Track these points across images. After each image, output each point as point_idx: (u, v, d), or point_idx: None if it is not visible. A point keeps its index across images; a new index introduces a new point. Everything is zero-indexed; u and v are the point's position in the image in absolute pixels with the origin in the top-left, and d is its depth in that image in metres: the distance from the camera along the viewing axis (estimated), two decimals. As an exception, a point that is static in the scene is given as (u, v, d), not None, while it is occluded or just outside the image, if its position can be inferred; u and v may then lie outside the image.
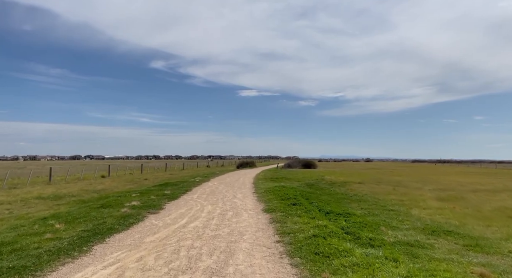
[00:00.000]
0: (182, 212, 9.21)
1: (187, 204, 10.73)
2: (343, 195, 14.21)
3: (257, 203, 11.08)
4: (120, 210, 8.93)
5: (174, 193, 13.73)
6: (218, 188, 16.69)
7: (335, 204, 10.62)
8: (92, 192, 15.75)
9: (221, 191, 15.17)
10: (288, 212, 8.79)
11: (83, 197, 13.61)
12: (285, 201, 10.69)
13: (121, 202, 10.63)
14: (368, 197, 13.52)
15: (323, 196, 13.43)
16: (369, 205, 11.05)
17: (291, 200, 10.88)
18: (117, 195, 13.61)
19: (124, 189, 17.40)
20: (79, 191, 15.96)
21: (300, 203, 9.99)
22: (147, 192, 13.99)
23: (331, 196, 13.36)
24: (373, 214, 9.26)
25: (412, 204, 11.61)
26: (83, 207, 10.07)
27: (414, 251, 5.29)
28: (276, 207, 9.68)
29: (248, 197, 12.88)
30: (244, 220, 8.08)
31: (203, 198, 12.50)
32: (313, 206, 9.81)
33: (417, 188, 18.41)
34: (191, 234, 6.46)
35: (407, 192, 15.58)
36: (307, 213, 8.44)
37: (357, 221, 7.31)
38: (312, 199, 11.67)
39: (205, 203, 10.98)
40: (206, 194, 13.91)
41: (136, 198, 11.83)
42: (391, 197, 13.55)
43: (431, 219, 8.72)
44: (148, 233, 6.57)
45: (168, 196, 12.65)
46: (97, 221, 7.51)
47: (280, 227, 7.04)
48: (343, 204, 11.13)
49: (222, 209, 9.80)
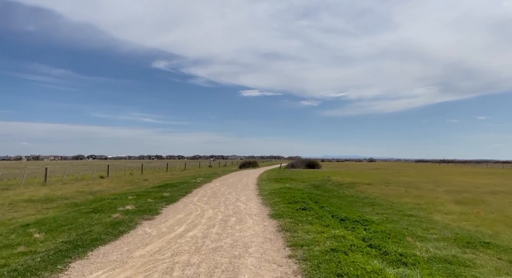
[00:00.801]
0: (180, 217, 8.34)
1: (186, 208, 9.86)
2: (353, 197, 13.28)
3: (262, 207, 10.20)
4: (111, 216, 8.06)
5: (173, 195, 12.87)
6: (220, 189, 15.82)
7: (347, 209, 9.71)
8: (87, 193, 14.92)
9: (223, 193, 14.29)
10: (298, 218, 7.90)
11: (77, 200, 12.78)
12: (293, 205, 9.79)
13: (115, 206, 9.78)
14: (381, 200, 12.59)
15: (333, 198, 12.52)
16: (384, 210, 10.13)
17: (299, 203, 9.98)
18: (112, 197, 12.78)
19: (122, 190, 16.57)
20: (74, 192, 15.14)
21: (309, 208, 9.10)
22: (144, 194, 13.14)
23: (341, 199, 12.44)
24: (392, 220, 8.34)
25: (431, 208, 10.68)
26: (72, 212, 9.22)
27: (456, 271, 4.36)
28: (284, 212, 8.79)
29: (252, 200, 12.00)
30: (248, 227, 7.19)
31: (204, 201, 11.63)
32: (324, 210, 8.91)
33: (430, 189, 17.45)
34: (188, 246, 5.58)
35: (421, 194, 14.63)
36: (319, 220, 7.55)
37: (378, 229, 6.39)
38: (322, 202, 10.77)
39: (206, 207, 10.11)
40: (207, 196, 13.04)
41: (132, 201, 10.97)
42: (405, 200, 12.61)
43: (459, 226, 7.79)
44: (138, 245, 5.69)
45: (166, 198, 11.79)
46: (82, 229, 6.64)
47: (291, 237, 6.15)
48: (356, 208, 10.22)
49: (224, 214, 8.93)
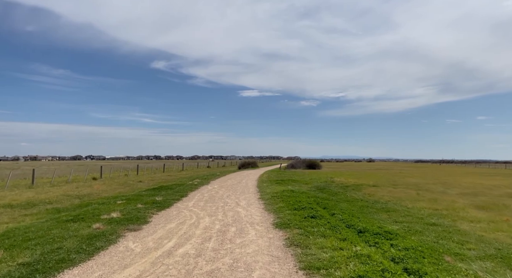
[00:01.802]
0: (171, 227, 7.24)
1: (179, 216, 8.77)
2: (363, 201, 12.21)
3: (265, 214, 9.12)
4: (91, 226, 6.96)
5: (166, 199, 11.76)
6: (218, 192, 14.73)
7: (361, 216, 8.63)
8: (74, 197, 13.80)
9: (222, 196, 13.21)
10: (307, 228, 6.82)
11: (60, 205, 11.67)
12: (300, 212, 8.71)
13: (99, 213, 8.67)
14: (394, 205, 11.53)
15: (342, 203, 11.45)
16: (402, 217, 9.06)
17: (306, 210, 8.90)
18: (100, 201, 11.69)
19: (113, 193, 15.46)
20: (60, 196, 14.01)
21: (319, 215, 8.01)
22: (135, 198, 12.04)
23: (351, 204, 11.37)
24: (415, 230, 7.28)
25: (453, 215, 9.61)
26: (50, 220, 8.12)
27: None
28: (290, 220, 7.71)
29: (254, 205, 10.92)
30: (251, 241, 6.12)
31: (200, 206, 10.54)
32: (336, 219, 7.83)
33: (441, 192, 16.39)
34: (177, 270, 4.49)
35: (435, 198, 13.57)
36: (334, 231, 6.47)
37: (408, 246, 5.31)
38: (331, 208, 9.69)
39: (202, 214, 9.02)
40: (204, 200, 11.94)
41: (120, 207, 9.88)
42: (421, 205, 11.55)
43: (495, 239, 6.72)
44: (115, 268, 4.59)
45: (158, 203, 10.69)
46: (51, 245, 5.53)
47: (303, 256, 5.06)
48: (371, 215, 9.15)
49: (223, 222, 7.84)
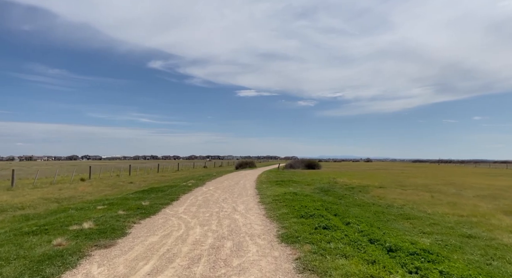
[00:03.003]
0: (152, 242, 5.88)
1: (166, 225, 7.40)
2: (376, 206, 10.90)
3: (267, 222, 7.78)
4: (52, 241, 5.57)
5: (154, 204, 10.39)
6: (213, 195, 13.37)
7: (381, 225, 7.32)
8: (52, 201, 12.39)
9: (217, 199, 11.85)
10: (321, 243, 5.48)
11: (34, 210, 10.27)
12: (308, 220, 7.37)
13: (70, 222, 7.29)
14: (412, 210, 10.22)
15: (352, 208, 10.12)
16: (428, 226, 7.75)
17: (316, 218, 7.56)
18: (79, 206, 10.30)
19: (98, 196, 14.06)
20: (37, 200, 12.60)
21: (333, 225, 6.67)
22: (119, 203, 10.66)
23: (363, 209, 10.04)
24: (453, 245, 5.96)
25: (484, 223, 8.31)
26: (9, 231, 6.73)
27: None
28: (298, 232, 6.39)
29: (253, 210, 9.58)
30: (252, 262, 4.77)
31: (192, 212, 9.18)
32: (353, 229, 6.50)
33: (456, 194, 15.14)
34: (148, 315, 3.14)
35: (453, 201, 12.29)
36: (355, 248, 5.14)
37: (464, 275, 3.97)
38: (343, 214, 8.37)
39: (193, 223, 7.66)
40: (196, 205, 10.58)
41: (98, 213, 8.50)
42: (441, 210, 10.25)
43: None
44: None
45: (144, 209, 9.31)
46: (-15, 273, 4.17)
47: (323, 288, 3.73)
48: (390, 224, 7.83)
49: (217, 234, 6.49)
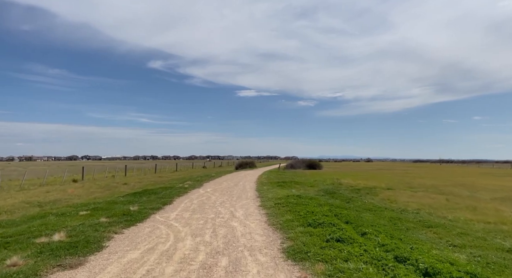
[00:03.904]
0: (131, 260, 4.86)
1: (151, 236, 6.38)
2: (389, 210, 9.88)
3: (270, 231, 6.77)
4: (5, 260, 4.53)
5: (143, 209, 9.37)
6: (210, 198, 12.36)
7: (401, 235, 6.30)
8: (35, 205, 11.38)
9: (214, 203, 10.84)
10: (337, 262, 4.46)
11: (9, 216, 9.25)
12: (318, 230, 6.35)
13: (39, 233, 6.27)
14: (430, 215, 9.21)
15: (364, 213, 9.10)
16: (455, 236, 6.72)
17: (326, 227, 6.54)
18: (61, 212, 9.28)
19: (86, 199, 13.06)
20: (18, 203, 11.58)
21: (347, 237, 5.64)
22: (105, 207, 9.65)
23: (376, 214, 9.02)
24: (496, 264, 4.95)
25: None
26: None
27: None
28: (307, 245, 5.37)
29: (253, 216, 8.58)
30: (252, 289, 3.76)
31: (185, 218, 8.16)
32: (372, 243, 5.48)
33: (471, 196, 14.13)
34: None
35: (472, 205, 11.27)
36: (380, 270, 4.12)
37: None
38: (354, 221, 7.35)
39: (184, 232, 6.64)
40: (191, 210, 9.57)
41: (76, 221, 7.49)
42: (463, 215, 9.24)
43: None
44: None
45: (130, 215, 8.29)
46: None
47: None
48: (411, 234, 6.81)
49: (210, 248, 5.47)
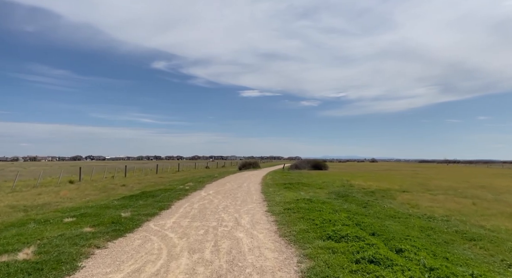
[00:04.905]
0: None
1: (140, 252, 5.27)
2: (414, 217, 8.70)
3: (282, 245, 5.64)
4: None
5: (136, 215, 8.29)
6: (212, 201, 11.26)
7: (445, 252, 5.15)
8: (20, 209, 10.33)
9: (217, 208, 9.74)
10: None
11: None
12: (340, 245, 5.21)
13: (4, 248, 5.19)
14: (464, 224, 8.01)
15: (388, 221, 7.94)
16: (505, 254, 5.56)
17: (350, 241, 5.39)
18: (44, 218, 8.22)
19: (78, 202, 12.00)
20: (1, 208, 10.53)
21: (382, 258, 4.49)
22: (93, 213, 8.58)
23: (402, 223, 7.84)
24: None
25: None
26: None
27: None
28: (331, 267, 4.25)
29: (261, 224, 7.47)
30: None
31: (182, 227, 7.06)
32: (414, 264, 4.33)
33: (497, 200, 12.91)
34: None
35: (508, 212, 10.06)
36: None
37: None
38: (380, 232, 6.21)
39: (180, 247, 5.53)
40: (190, 216, 8.47)
41: (56, 231, 6.42)
42: (503, 224, 8.04)
43: None
44: None
45: (120, 224, 7.20)
46: None
47: None
48: (454, 249, 5.65)
49: (211, 270, 4.36)
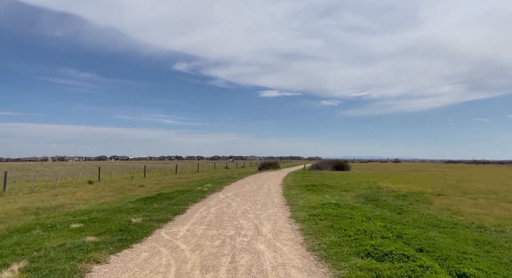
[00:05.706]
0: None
1: (144, 269, 4.50)
2: (462, 227, 7.55)
3: (312, 263, 4.73)
4: None
5: (147, 221, 7.61)
6: (230, 205, 10.48)
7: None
8: (32, 212, 9.93)
9: (235, 212, 8.94)
10: None
11: (-8, 227, 7.77)
12: (385, 265, 4.25)
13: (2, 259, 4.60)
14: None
15: (431, 231, 6.85)
16: None
17: (397, 261, 4.41)
18: (51, 223, 7.71)
19: (94, 204, 11.56)
20: (14, 210, 10.19)
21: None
22: (102, 218, 7.99)
23: (450, 234, 6.73)
24: None
25: None
26: None
27: None
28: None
29: (284, 233, 6.59)
30: None
31: (196, 236, 6.28)
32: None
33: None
34: None
35: None
36: None
37: None
38: (428, 247, 5.19)
39: (191, 262, 4.73)
40: (206, 222, 7.70)
41: (56, 240, 5.81)
42: None
43: None
44: None
45: (128, 232, 6.52)
46: None
47: None
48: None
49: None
